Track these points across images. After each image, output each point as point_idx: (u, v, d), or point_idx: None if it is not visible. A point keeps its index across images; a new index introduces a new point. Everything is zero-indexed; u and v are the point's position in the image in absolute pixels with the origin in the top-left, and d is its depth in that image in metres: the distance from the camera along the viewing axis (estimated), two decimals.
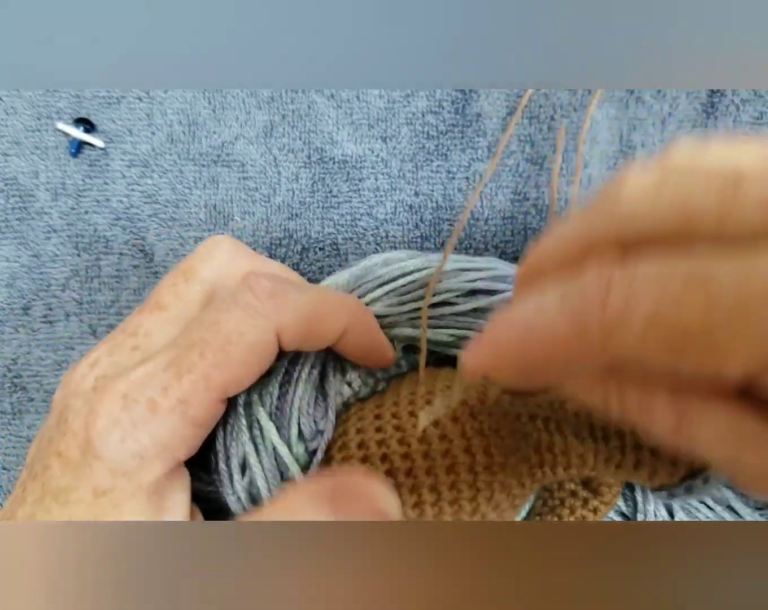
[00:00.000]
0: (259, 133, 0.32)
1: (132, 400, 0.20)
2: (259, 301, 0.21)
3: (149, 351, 0.21)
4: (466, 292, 0.26)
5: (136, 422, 0.20)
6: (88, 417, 0.20)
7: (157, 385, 0.20)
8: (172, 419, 0.20)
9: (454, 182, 0.32)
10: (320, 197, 0.32)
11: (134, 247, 0.32)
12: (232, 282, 0.23)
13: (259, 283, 0.21)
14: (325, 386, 0.24)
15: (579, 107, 0.32)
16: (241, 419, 0.23)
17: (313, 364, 0.24)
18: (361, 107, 0.32)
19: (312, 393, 0.24)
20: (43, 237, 0.32)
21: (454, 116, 0.32)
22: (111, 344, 0.22)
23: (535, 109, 0.32)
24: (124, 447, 0.19)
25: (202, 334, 0.20)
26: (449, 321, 0.26)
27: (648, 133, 0.32)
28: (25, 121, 0.33)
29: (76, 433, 0.20)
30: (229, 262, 0.24)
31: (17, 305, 0.32)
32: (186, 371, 0.20)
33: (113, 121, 0.33)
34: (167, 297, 0.23)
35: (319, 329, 0.22)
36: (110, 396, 0.20)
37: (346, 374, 0.25)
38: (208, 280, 0.23)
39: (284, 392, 0.23)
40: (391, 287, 0.26)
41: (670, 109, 0.32)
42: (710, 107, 0.31)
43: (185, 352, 0.20)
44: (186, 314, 0.22)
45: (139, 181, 0.32)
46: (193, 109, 0.32)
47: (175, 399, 0.20)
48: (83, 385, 0.21)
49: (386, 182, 0.32)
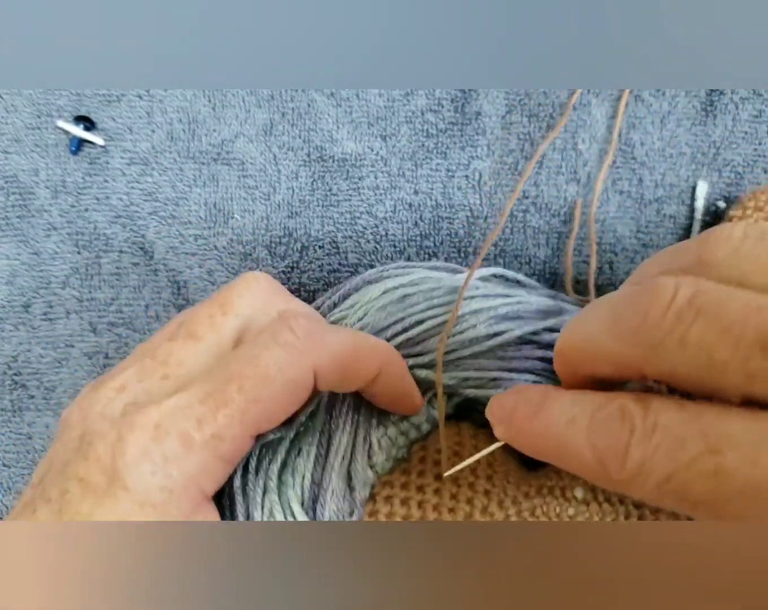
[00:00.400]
0: (258, 131, 0.32)
1: (164, 431, 0.19)
2: (298, 339, 0.21)
3: (180, 380, 0.21)
4: (486, 335, 0.26)
5: (167, 455, 0.19)
6: (117, 444, 0.19)
7: (192, 417, 0.19)
8: (204, 454, 0.19)
9: (453, 181, 0.32)
10: (320, 195, 0.32)
11: (134, 244, 0.32)
12: (266, 319, 0.22)
13: (297, 322, 0.21)
14: (352, 477, 0.25)
15: (579, 106, 0.32)
16: (273, 494, 0.24)
17: (344, 453, 0.25)
18: (360, 105, 0.32)
19: (342, 486, 0.24)
20: (43, 235, 0.32)
21: (453, 115, 0.32)
22: (139, 369, 0.21)
23: (534, 108, 0.32)
24: (153, 480, 0.19)
25: (240, 368, 0.20)
26: (469, 364, 0.26)
27: (647, 132, 0.32)
28: (25, 119, 0.33)
29: (101, 459, 0.19)
30: (265, 299, 0.24)
31: (17, 302, 0.32)
32: (222, 404, 0.20)
33: (113, 119, 0.33)
34: (202, 327, 0.22)
35: (353, 370, 0.22)
36: (141, 425, 0.19)
37: (372, 457, 0.25)
38: (243, 315, 0.23)
39: (316, 482, 0.24)
40: (405, 337, 0.26)
41: (669, 108, 0.32)
42: (709, 106, 0.32)
43: (223, 385, 0.20)
44: (219, 346, 0.22)
45: (139, 179, 0.32)
46: (193, 108, 0.33)
47: (209, 434, 0.19)
48: (110, 409, 0.20)
49: (386, 181, 0.32)
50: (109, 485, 0.19)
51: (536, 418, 0.18)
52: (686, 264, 0.17)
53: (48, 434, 0.32)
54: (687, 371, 0.15)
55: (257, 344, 0.21)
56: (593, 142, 0.32)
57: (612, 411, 0.16)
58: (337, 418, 0.25)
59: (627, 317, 0.16)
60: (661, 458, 0.14)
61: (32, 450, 0.32)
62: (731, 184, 0.31)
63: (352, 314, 0.27)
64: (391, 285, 0.27)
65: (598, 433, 0.16)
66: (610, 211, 0.32)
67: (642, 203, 0.32)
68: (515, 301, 0.26)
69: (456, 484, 0.24)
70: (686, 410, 0.15)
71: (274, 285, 0.25)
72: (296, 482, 0.24)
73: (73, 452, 0.20)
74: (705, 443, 0.14)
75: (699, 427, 0.14)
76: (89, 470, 0.19)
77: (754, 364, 0.14)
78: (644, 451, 0.15)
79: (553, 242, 0.32)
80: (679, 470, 0.14)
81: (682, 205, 0.31)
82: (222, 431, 0.20)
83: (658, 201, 0.31)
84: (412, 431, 0.26)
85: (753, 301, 0.14)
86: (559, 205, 0.32)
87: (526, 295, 0.27)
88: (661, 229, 0.31)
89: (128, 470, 0.19)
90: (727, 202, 0.31)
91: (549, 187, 0.32)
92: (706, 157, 0.32)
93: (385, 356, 0.23)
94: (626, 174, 0.32)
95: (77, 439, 0.20)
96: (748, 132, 0.31)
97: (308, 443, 0.25)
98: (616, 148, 0.32)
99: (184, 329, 0.22)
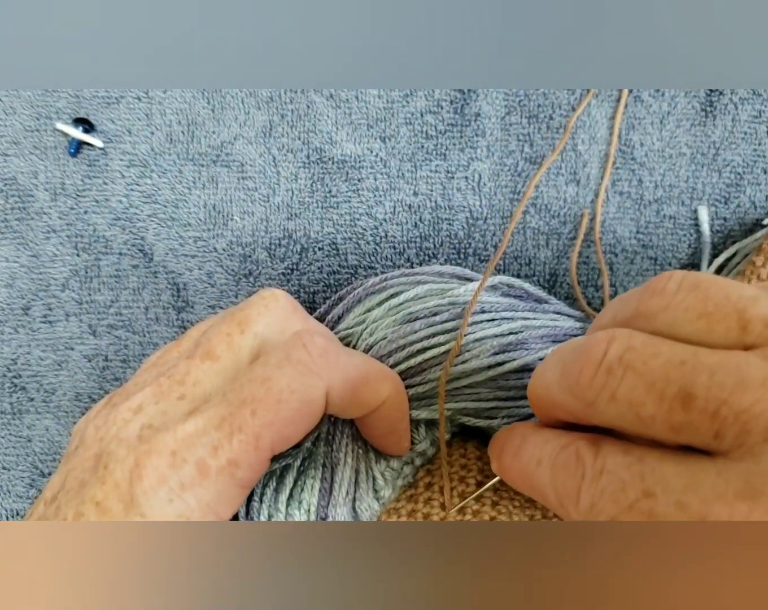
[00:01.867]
0: (258, 133, 0.32)
1: (181, 459, 0.19)
2: (312, 359, 0.21)
3: (196, 401, 0.21)
4: (487, 366, 0.25)
5: (184, 483, 0.19)
6: (134, 470, 0.19)
7: (208, 444, 0.19)
8: (221, 481, 0.19)
9: (453, 182, 0.32)
10: (319, 197, 0.32)
11: (134, 247, 0.32)
12: (284, 338, 0.22)
13: (312, 341, 0.21)
14: (357, 513, 0.25)
15: (578, 106, 0.32)
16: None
17: (348, 488, 0.25)
18: (360, 107, 0.32)
19: (348, 518, 0.24)
20: (43, 237, 0.32)
21: (453, 116, 0.32)
22: (156, 389, 0.21)
23: (533, 109, 0.32)
24: (170, 508, 0.19)
25: (253, 390, 0.20)
26: (467, 395, 0.26)
27: (647, 133, 0.32)
28: (24, 121, 0.33)
29: (119, 484, 0.19)
30: (284, 318, 0.24)
31: (17, 305, 0.32)
32: (237, 430, 0.20)
33: (112, 121, 0.33)
34: (220, 347, 0.22)
35: (363, 394, 0.22)
36: (158, 451, 0.19)
37: (378, 491, 0.25)
38: (261, 335, 0.23)
39: (321, 516, 0.24)
40: (408, 365, 0.26)
41: (668, 108, 0.32)
42: (709, 106, 0.32)
43: (237, 409, 0.20)
44: (236, 365, 0.22)
45: (139, 181, 0.32)
46: (192, 109, 0.32)
47: (225, 460, 0.19)
48: (126, 431, 0.20)
49: (385, 182, 0.32)
50: (126, 512, 0.19)
51: (516, 457, 0.20)
52: (628, 315, 0.18)
53: (48, 437, 0.32)
54: (621, 425, 0.16)
55: (270, 364, 0.21)
56: (593, 143, 0.32)
57: (568, 456, 0.17)
58: (338, 451, 0.25)
59: (568, 372, 0.17)
60: (606, 502, 0.16)
61: (32, 453, 0.32)
62: (731, 185, 0.31)
63: (358, 333, 0.27)
64: (395, 302, 0.27)
65: (557, 476, 0.18)
66: (609, 211, 0.31)
67: (642, 204, 0.32)
68: (519, 326, 0.26)
69: (461, 513, 0.24)
70: (630, 453, 0.16)
71: (293, 304, 0.25)
72: (301, 516, 0.24)
73: (89, 473, 0.20)
74: (642, 487, 0.15)
75: (639, 470, 0.15)
76: (107, 496, 0.19)
77: (676, 417, 0.15)
78: (593, 495, 0.16)
79: (553, 243, 0.31)
80: (621, 513, 0.15)
81: (682, 205, 0.31)
82: (237, 456, 0.19)
83: (658, 202, 0.31)
84: (417, 458, 0.26)
85: (677, 355, 0.15)
86: (558, 206, 0.32)
87: (532, 316, 0.26)
88: (661, 229, 0.31)
89: (146, 497, 0.19)
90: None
91: (549, 189, 0.32)
92: (705, 157, 0.31)
93: (393, 384, 0.23)
94: (626, 175, 0.32)
95: (93, 458, 0.20)
96: (747, 132, 0.31)
97: (311, 477, 0.24)
98: (616, 149, 0.32)
99: (201, 348, 0.22)
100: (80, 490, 0.20)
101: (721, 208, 0.31)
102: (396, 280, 0.28)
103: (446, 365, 0.25)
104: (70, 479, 0.20)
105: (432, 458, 0.26)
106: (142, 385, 0.22)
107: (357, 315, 0.27)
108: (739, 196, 0.31)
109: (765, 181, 0.31)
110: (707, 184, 0.31)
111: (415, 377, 0.25)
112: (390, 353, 0.26)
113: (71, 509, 0.19)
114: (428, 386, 0.25)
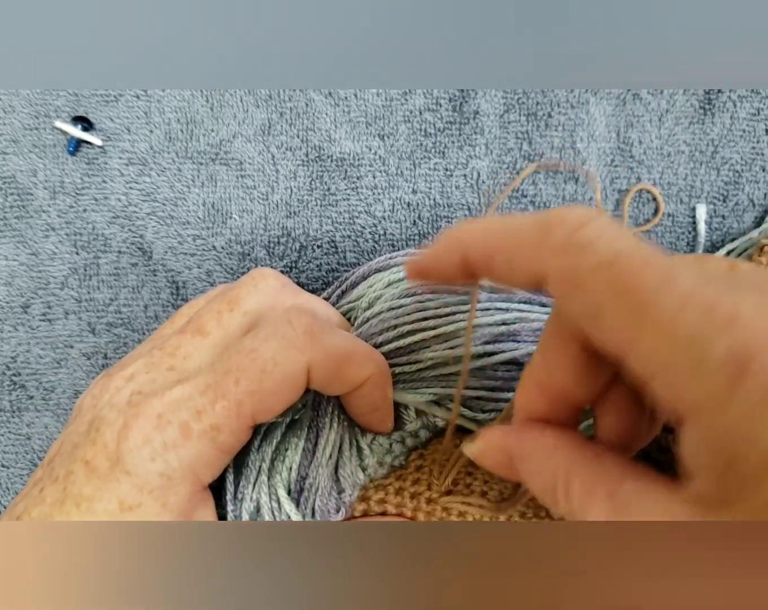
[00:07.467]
0: (257, 131, 0.32)
1: (166, 421, 0.20)
2: (296, 335, 0.21)
3: (185, 373, 0.22)
4: (476, 355, 0.25)
5: (167, 443, 0.20)
6: (121, 431, 0.20)
7: (192, 408, 0.20)
8: (202, 444, 0.20)
9: (451, 180, 0.32)
10: (318, 195, 0.32)
11: (133, 245, 0.32)
12: (275, 314, 0.23)
13: (299, 318, 0.22)
14: (340, 478, 0.25)
15: (576, 104, 0.32)
16: (264, 475, 0.24)
17: (331, 452, 0.25)
18: (358, 105, 0.32)
19: (329, 484, 0.24)
20: (42, 235, 0.32)
21: (451, 114, 0.32)
22: (148, 360, 0.22)
23: (532, 107, 0.32)
24: (152, 466, 0.20)
25: (239, 361, 0.21)
26: (454, 381, 0.26)
27: (645, 130, 0.32)
28: (23, 120, 0.33)
29: (107, 444, 0.20)
30: (273, 295, 0.25)
31: (16, 303, 0.32)
32: (221, 396, 0.20)
33: (111, 120, 0.33)
34: (210, 324, 0.23)
35: (345, 372, 0.23)
36: (145, 414, 0.20)
37: (363, 460, 0.25)
38: (251, 312, 0.24)
39: (302, 475, 0.24)
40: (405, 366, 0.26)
41: (667, 106, 0.32)
42: (707, 104, 0.32)
43: (222, 378, 0.21)
44: (225, 341, 0.23)
45: (138, 180, 0.32)
46: (191, 108, 0.32)
47: (208, 424, 0.20)
48: (118, 397, 0.21)
49: (384, 180, 0.32)
50: (111, 469, 0.20)
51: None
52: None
53: (47, 435, 0.32)
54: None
55: (258, 337, 0.22)
56: (591, 140, 0.32)
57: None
58: (323, 416, 0.25)
59: (546, 219, 0.17)
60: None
61: (31, 450, 0.32)
62: (729, 183, 0.31)
63: (359, 307, 0.27)
64: (395, 277, 0.27)
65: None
66: (608, 210, 0.32)
67: (640, 202, 0.32)
68: (514, 317, 0.26)
69: (448, 499, 0.24)
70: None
71: (282, 280, 0.25)
72: (284, 471, 0.24)
73: (83, 435, 0.21)
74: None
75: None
76: (95, 455, 0.20)
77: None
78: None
79: None
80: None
81: (681, 203, 0.31)
82: (219, 421, 0.20)
83: (656, 199, 0.31)
84: (408, 438, 0.26)
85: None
86: (557, 205, 0.32)
87: (527, 309, 0.26)
88: (660, 227, 0.31)
89: (131, 455, 0.20)
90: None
91: (547, 187, 0.32)
92: (704, 155, 0.32)
93: (376, 365, 0.24)
94: (624, 172, 0.32)
95: (87, 423, 0.21)
96: (746, 130, 0.31)
97: (297, 436, 0.25)
98: (614, 147, 0.32)
99: (192, 324, 0.23)
100: (72, 451, 0.21)
101: (719, 205, 0.31)
102: (401, 258, 0.28)
103: (466, 345, 0.24)
104: (66, 443, 0.21)
105: (426, 444, 0.26)
106: (137, 357, 0.23)
107: (360, 291, 0.28)
108: (738, 193, 0.31)
109: (763, 178, 0.31)
110: (706, 181, 0.31)
111: (402, 357, 0.26)
112: (381, 331, 0.26)
113: (63, 469, 0.20)
114: (414, 367, 0.25)
